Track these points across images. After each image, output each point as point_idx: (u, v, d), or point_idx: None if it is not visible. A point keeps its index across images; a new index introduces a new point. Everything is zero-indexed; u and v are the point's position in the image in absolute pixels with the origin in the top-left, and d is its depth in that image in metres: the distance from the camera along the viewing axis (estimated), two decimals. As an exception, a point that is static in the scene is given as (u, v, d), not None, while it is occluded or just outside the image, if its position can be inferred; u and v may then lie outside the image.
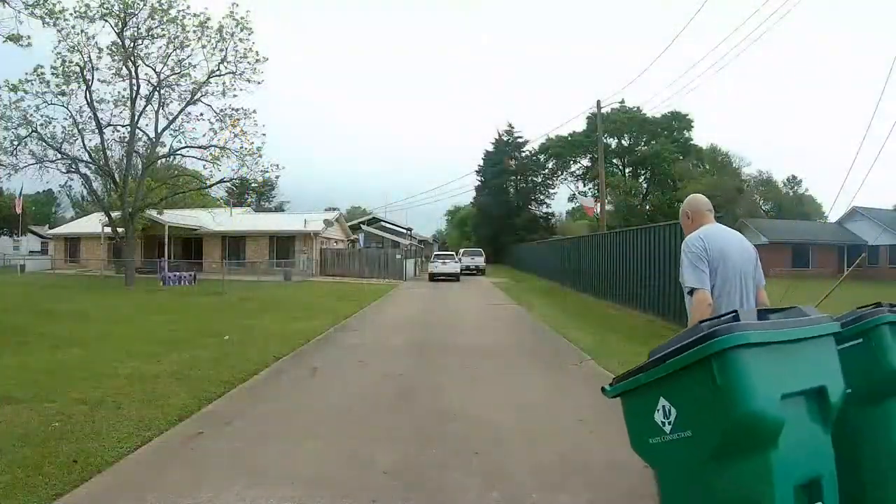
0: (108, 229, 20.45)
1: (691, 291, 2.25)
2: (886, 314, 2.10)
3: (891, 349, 2.04)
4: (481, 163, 45.85)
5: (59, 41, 15.85)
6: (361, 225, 37.28)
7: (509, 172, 44.29)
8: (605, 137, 39.93)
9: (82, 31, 16.01)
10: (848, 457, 1.87)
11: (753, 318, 1.68)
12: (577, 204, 49.66)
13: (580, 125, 44.40)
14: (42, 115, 16.49)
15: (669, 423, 1.67)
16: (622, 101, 23.31)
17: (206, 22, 17.02)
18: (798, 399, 1.61)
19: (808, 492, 1.58)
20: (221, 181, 19.87)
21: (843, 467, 1.79)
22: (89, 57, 16.48)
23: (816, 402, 1.66)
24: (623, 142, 46.27)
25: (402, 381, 5.19)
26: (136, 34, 16.62)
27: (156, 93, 17.67)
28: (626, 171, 46.65)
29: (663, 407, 1.69)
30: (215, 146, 18.18)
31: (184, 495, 2.69)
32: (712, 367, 1.50)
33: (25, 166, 16.86)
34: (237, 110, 17.99)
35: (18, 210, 29.18)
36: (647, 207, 43.25)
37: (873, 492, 1.95)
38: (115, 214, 18.60)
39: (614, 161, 45.77)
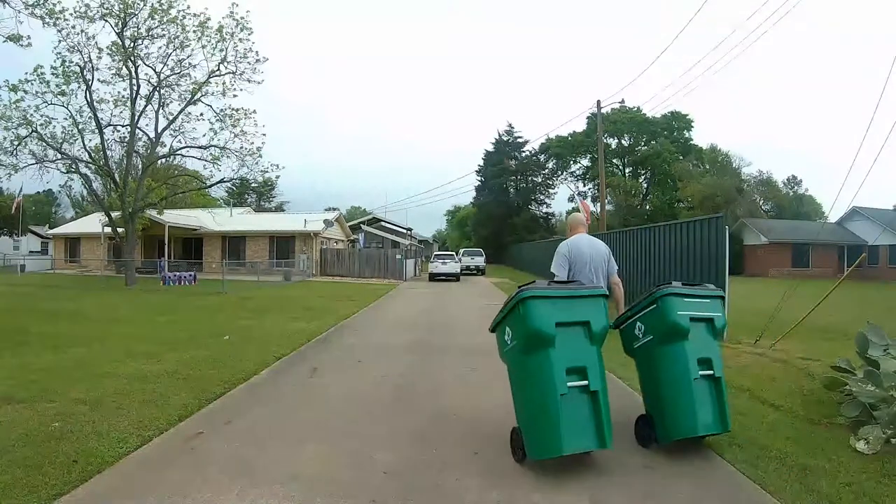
0: (108, 229, 20.43)
1: (553, 276, 3.73)
2: (668, 288, 3.40)
3: (669, 311, 3.32)
4: (481, 163, 45.91)
5: (59, 41, 15.86)
6: (361, 225, 37.28)
7: (509, 172, 44.31)
8: (606, 137, 39.91)
9: (82, 31, 16.01)
10: (654, 376, 3.48)
11: (545, 286, 3.09)
12: (577, 204, 49.70)
13: (580, 125, 44.52)
14: (42, 115, 16.43)
15: (509, 338, 3.20)
16: (622, 102, 23.25)
17: (206, 22, 17.03)
18: (572, 326, 3.02)
19: (579, 374, 2.97)
20: (221, 181, 19.85)
21: (651, 381, 3.51)
22: (89, 57, 16.47)
23: (584, 328, 3.06)
24: (623, 142, 46.28)
25: (402, 381, 5.19)
26: (136, 34, 16.58)
27: (156, 93, 17.66)
28: (626, 171, 46.65)
29: (507, 330, 3.23)
30: (215, 146, 18.18)
31: (184, 495, 2.69)
32: (519, 307, 3.03)
33: (25, 166, 16.80)
34: (237, 110, 18.00)
35: (13, 211, 29.02)
36: (647, 207, 43.23)
37: (666, 396, 3.37)
38: (115, 214, 18.57)
39: (614, 161, 45.77)
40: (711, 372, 3.33)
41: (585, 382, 2.96)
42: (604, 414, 2.95)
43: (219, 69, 17.57)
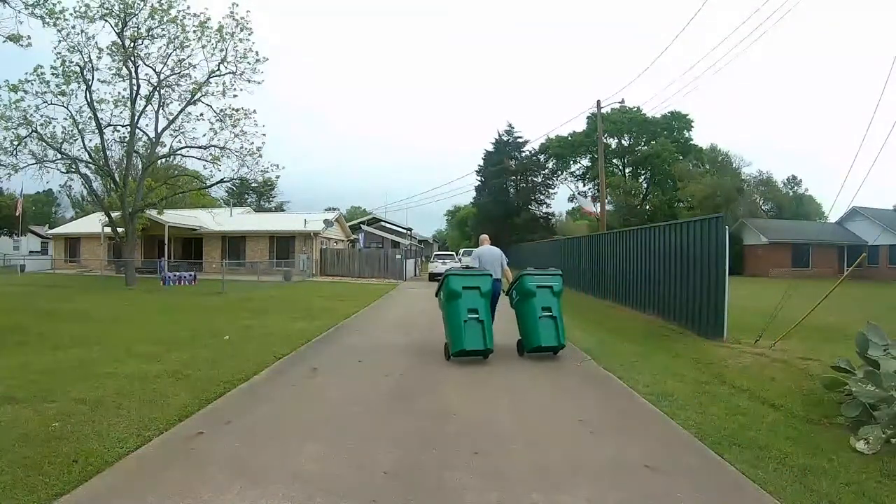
0: (108, 229, 20.43)
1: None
2: (525, 272, 6.51)
3: (524, 283, 6.36)
4: (481, 163, 45.78)
5: (59, 41, 15.84)
6: (361, 225, 37.32)
7: (509, 172, 44.20)
8: (605, 137, 39.88)
9: (82, 31, 15.99)
10: (521, 318, 6.47)
11: (460, 269, 6.55)
12: (578, 204, 49.64)
13: (580, 125, 44.45)
14: (42, 115, 16.41)
15: (441, 295, 6.19)
16: (622, 102, 23.14)
17: (206, 22, 17.01)
18: (471, 289, 5.93)
19: (475, 312, 5.85)
20: (221, 181, 19.83)
21: (520, 321, 6.49)
22: (89, 57, 16.45)
23: (477, 290, 5.95)
24: (623, 142, 46.22)
25: (402, 381, 5.19)
26: (136, 34, 16.56)
27: (156, 93, 17.63)
28: (626, 171, 46.59)
29: (441, 293, 6.22)
30: (215, 146, 18.16)
31: (184, 495, 2.69)
32: (445, 279, 6.08)
33: (25, 166, 16.77)
34: (237, 110, 17.97)
35: (19, 212, 29.07)
36: (647, 207, 43.19)
37: (525, 327, 6.35)
38: (115, 214, 18.56)
39: (614, 161, 45.72)
40: (551, 314, 6.22)
41: (477, 316, 5.86)
42: (487, 332, 5.88)
43: (219, 69, 17.56)
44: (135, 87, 17.25)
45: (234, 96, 18.16)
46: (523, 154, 44.91)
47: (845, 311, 9.01)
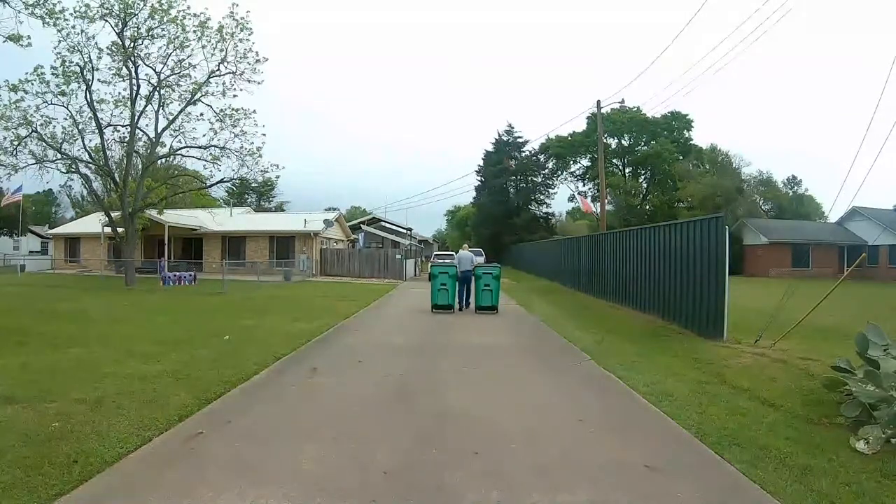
0: (108, 229, 20.42)
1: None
2: (478, 268, 11.86)
3: (476, 271, 11.66)
4: (481, 163, 45.83)
5: (59, 41, 15.83)
6: (361, 225, 37.29)
7: (509, 172, 44.21)
8: (605, 137, 39.89)
9: (82, 31, 15.99)
10: (475, 289, 11.49)
11: (439, 263, 13.35)
12: (577, 204, 49.62)
13: (580, 125, 44.45)
14: (42, 115, 16.40)
15: (428, 275, 12.33)
16: (622, 102, 23.08)
17: (206, 22, 17.01)
18: (443, 273, 11.39)
19: (444, 284, 11.28)
20: (221, 181, 19.83)
21: (475, 292, 11.50)
22: (89, 57, 16.45)
23: (448, 272, 11.43)
24: (623, 142, 46.23)
25: (402, 381, 5.19)
26: (136, 34, 16.56)
27: (156, 93, 17.62)
28: (626, 171, 46.61)
29: (429, 272, 12.41)
30: (215, 146, 18.16)
31: (184, 495, 2.69)
32: (430, 268, 12.28)
33: (25, 166, 16.78)
34: (237, 110, 17.97)
35: (3, 204, 28.43)
36: (647, 207, 43.21)
37: (476, 296, 11.44)
38: (115, 214, 18.56)
39: (614, 161, 45.73)
40: (489, 288, 11.07)
41: (445, 287, 11.16)
42: (451, 296, 11.19)
43: (219, 69, 17.56)
44: (135, 87, 17.26)
45: (234, 96, 18.20)
46: (523, 154, 44.93)
47: (845, 311, 9.00)
